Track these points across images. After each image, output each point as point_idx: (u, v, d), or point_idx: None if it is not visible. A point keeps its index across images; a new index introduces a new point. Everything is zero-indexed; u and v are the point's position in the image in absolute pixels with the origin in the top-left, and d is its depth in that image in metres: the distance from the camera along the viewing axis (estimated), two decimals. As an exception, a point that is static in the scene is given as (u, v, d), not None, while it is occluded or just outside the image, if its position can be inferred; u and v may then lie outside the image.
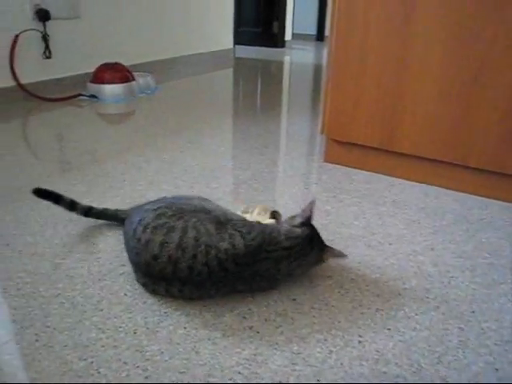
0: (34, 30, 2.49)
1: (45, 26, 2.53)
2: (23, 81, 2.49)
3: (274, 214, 1.16)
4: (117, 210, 1.22)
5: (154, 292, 0.96)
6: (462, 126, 1.39)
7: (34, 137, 2.04)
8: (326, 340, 0.85)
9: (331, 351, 0.83)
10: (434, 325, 0.89)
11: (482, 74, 1.32)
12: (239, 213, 1.16)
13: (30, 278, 1.02)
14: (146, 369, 0.78)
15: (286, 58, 4.70)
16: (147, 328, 0.88)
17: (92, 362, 0.79)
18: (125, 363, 0.79)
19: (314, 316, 0.91)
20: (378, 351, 0.83)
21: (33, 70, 2.56)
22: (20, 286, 0.99)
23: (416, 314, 0.92)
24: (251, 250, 0.90)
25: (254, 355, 0.82)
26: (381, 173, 1.62)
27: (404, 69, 1.43)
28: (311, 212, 1.00)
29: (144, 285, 0.97)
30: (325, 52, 5.02)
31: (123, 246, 1.13)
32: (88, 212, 1.21)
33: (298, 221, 0.98)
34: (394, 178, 1.59)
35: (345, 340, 0.85)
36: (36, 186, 1.38)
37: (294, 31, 5.65)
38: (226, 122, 2.26)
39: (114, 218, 1.21)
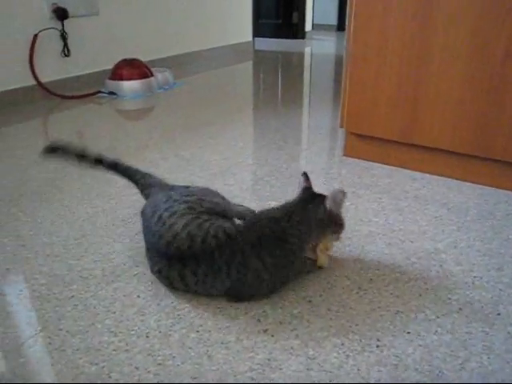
0: (52, 28, 2.51)
1: (63, 24, 2.55)
2: (43, 79, 2.51)
3: None
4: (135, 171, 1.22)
5: (167, 280, 0.95)
6: (488, 115, 1.33)
7: (54, 135, 2.05)
8: (342, 344, 0.82)
9: (348, 356, 0.80)
10: (457, 328, 0.85)
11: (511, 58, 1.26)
12: None
13: (44, 279, 1.02)
14: (158, 374, 0.77)
15: (307, 50, 4.63)
16: (160, 331, 0.86)
17: (103, 367, 0.78)
18: (136, 368, 0.78)
19: (330, 318, 0.88)
20: (396, 356, 0.80)
21: (52, 69, 2.59)
22: (35, 287, 0.99)
23: (437, 317, 0.88)
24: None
25: (268, 360, 0.79)
26: (402, 167, 1.56)
27: (426, 57, 1.38)
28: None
29: (158, 272, 0.95)
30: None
31: (138, 245, 1.13)
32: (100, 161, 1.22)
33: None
34: (415, 172, 1.53)
35: (362, 344, 0.82)
36: (53, 185, 1.38)
37: (315, 22, 5.56)
38: (245, 117, 2.24)
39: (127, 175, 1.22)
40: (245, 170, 1.58)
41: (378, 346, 0.82)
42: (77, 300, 0.95)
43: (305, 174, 1.05)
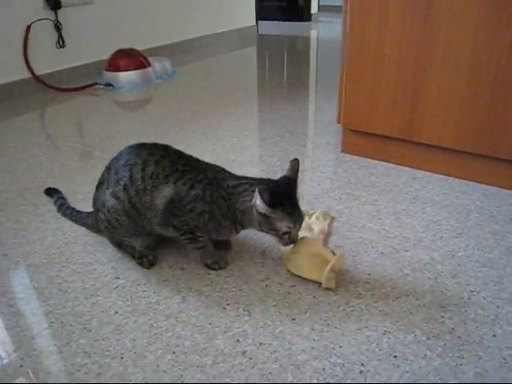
0: (45, 19, 2.44)
1: (56, 14, 2.48)
2: (38, 72, 2.46)
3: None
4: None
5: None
6: (492, 112, 1.25)
7: (50, 130, 2.01)
8: (323, 369, 0.77)
9: None
10: (448, 352, 0.80)
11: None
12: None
13: (23, 292, 0.99)
14: (128, 402, 0.73)
15: (313, 33, 4.50)
16: (134, 352, 0.83)
17: (72, 394, 0.75)
18: (106, 395, 0.75)
19: (313, 339, 0.84)
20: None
21: (47, 60, 2.53)
22: (12, 302, 0.96)
23: (428, 338, 0.83)
24: None
25: (245, 386, 0.75)
26: (402, 164, 1.49)
27: (427, 49, 1.29)
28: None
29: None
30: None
31: (120, 255, 1.09)
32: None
33: None
34: (416, 170, 1.46)
35: (345, 369, 0.77)
36: (41, 188, 1.34)
37: (321, 3, 5.39)
38: (243, 109, 2.17)
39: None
40: (236, 170, 1.52)
41: (361, 372, 0.77)
42: (53, 316, 0.92)
43: (295, 161, 0.99)
